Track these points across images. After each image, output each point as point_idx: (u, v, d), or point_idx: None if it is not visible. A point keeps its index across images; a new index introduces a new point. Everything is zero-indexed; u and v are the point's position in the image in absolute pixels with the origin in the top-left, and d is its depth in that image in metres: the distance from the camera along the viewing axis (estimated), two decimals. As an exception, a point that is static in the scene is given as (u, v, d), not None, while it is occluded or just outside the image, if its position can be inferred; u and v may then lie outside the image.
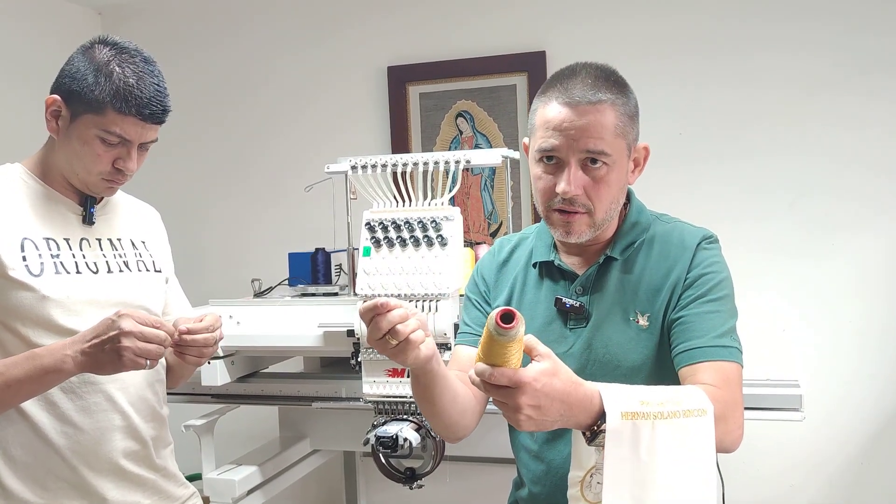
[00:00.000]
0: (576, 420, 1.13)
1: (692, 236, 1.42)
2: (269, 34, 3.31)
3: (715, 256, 1.41)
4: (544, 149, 1.36)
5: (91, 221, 1.57)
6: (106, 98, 1.44)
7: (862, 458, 2.74)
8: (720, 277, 1.39)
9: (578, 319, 1.43)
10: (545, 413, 1.09)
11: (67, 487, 1.50)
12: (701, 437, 1.15)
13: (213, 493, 2.28)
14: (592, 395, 1.12)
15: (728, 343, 1.33)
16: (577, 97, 1.33)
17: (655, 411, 1.11)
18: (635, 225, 1.46)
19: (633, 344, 1.38)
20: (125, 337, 1.35)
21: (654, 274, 1.41)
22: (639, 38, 2.86)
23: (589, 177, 1.35)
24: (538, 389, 1.07)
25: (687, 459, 1.14)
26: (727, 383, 1.28)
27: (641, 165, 1.45)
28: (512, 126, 3.04)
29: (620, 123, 1.36)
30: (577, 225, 1.38)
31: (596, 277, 1.44)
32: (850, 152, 2.74)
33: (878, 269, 2.75)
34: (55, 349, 1.40)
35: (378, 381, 2.08)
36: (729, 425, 1.23)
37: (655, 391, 1.18)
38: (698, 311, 1.35)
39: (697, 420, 1.14)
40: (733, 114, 2.82)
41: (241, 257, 3.33)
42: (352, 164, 2.15)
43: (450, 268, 2.02)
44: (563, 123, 1.33)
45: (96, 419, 1.51)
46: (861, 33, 2.71)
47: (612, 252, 1.43)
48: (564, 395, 1.10)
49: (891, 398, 2.75)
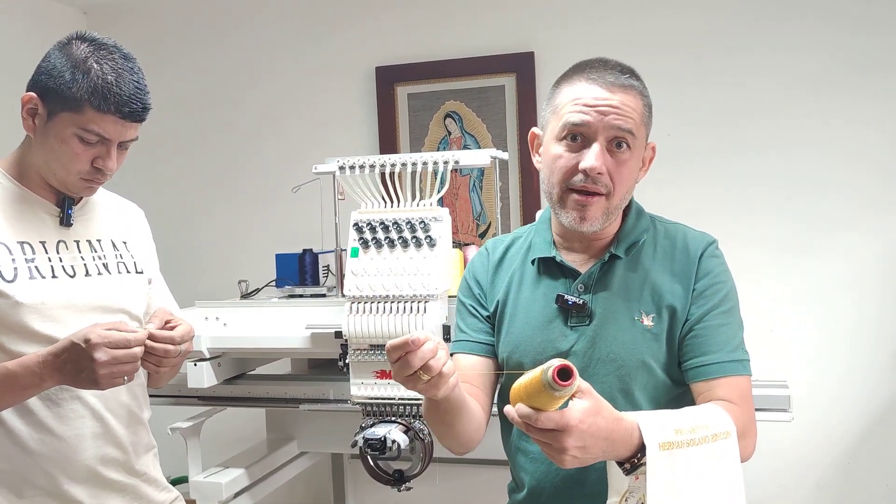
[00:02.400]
0: (616, 454, 1.16)
1: (696, 242, 1.43)
2: (256, 35, 3.29)
3: (721, 265, 1.42)
4: (574, 123, 1.33)
5: (69, 223, 1.53)
6: (84, 96, 1.40)
7: (850, 459, 2.75)
8: (728, 288, 1.41)
9: (581, 317, 1.40)
10: (589, 451, 1.11)
11: (43, 495, 1.47)
12: (728, 458, 1.21)
13: (199, 497, 2.27)
14: (633, 428, 1.15)
15: (740, 356, 1.37)
16: (609, 79, 1.34)
17: (688, 439, 1.17)
18: (637, 224, 1.45)
19: (638, 344, 1.37)
20: (101, 367, 1.34)
21: (660, 276, 1.40)
22: (628, 38, 2.87)
23: (613, 159, 1.34)
24: (584, 430, 1.09)
25: (718, 481, 1.20)
26: (743, 398, 1.33)
27: (647, 165, 1.45)
28: (500, 127, 3.03)
29: (644, 113, 1.37)
30: (593, 209, 1.35)
31: (599, 275, 1.41)
32: (842, 150, 2.74)
33: (870, 267, 2.75)
34: (30, 365, 1.37)
35: (366, 383, 2.07)
36: (747, 440, 1.29)
37: (686, 417, 1.22)
38: (711, 324, 1.37)
39: (724, 443, 1.21)
40: (724, 112, 2.82)
41: (228, 258, 3.31)
42: (340, 164, 2.14)
43: (438, 269, 2.01)
44: (595, 99, 1.33)
45: (73, 426, 1.49)
46: (854, 31, 2.72)
47: (617, 250, 1.42)
48: (608, 433, 1.12)
49: (881, 399, 2.75)
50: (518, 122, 3.00)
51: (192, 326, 1.56)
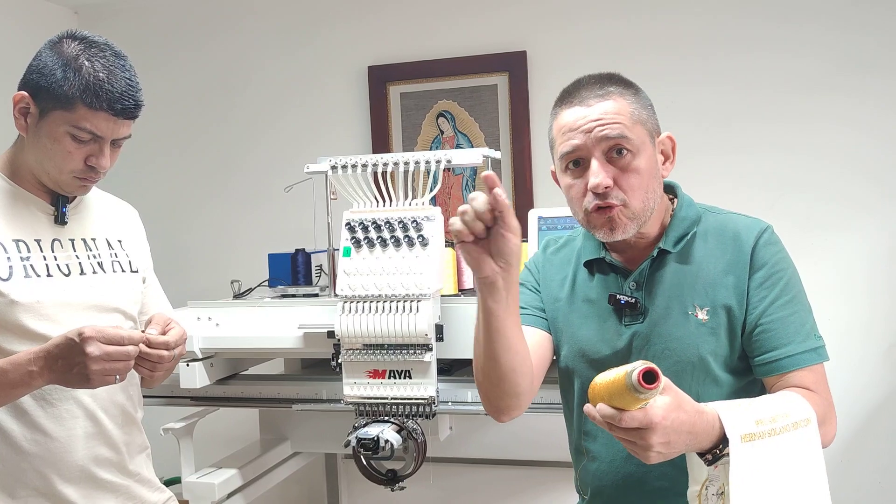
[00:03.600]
0: (699, 446, 1.17)
1: (748, 229, 1.40)
2: (249, 35, 3.29)
3: (778, 252, 1.39)
4: (566, 152, 1.35)
5: (63, 221, 1.53)
6: (75, 93, 1.39)
7: (842, 458, 2.76)
8: (788, 274, 1.37)
9: (634, 315, 1.40)
10: (673, 446, 1.12)
11: (36, 495, 1.47)
12: (810, 446, 1.21)
13: (192, 497, 2.26)
14: (714, 420, 1.16)
15: (814, 344, 1.35)
16: (584, 95, 1.35)
17: (769, 429, 1.18)
18: (685, 218, 1.43)
19: (693, 339, 1.36)
20: (92, 362, 1.32)
21: (713, 267, 1.38)
22: (620, 39, 2.86)
23: (616, 168, 1.33)
24: (667, 427, 1.10)
25: (800, 469, 1.20)
26: (820, 385, 1.33)
27: (672, 157, 1.44)
28: (493, 126, 3.03)
29: (635, 110, 1.36)
30: (618, 218, 1.34)
31: (650, 272, 1.41)
32: (832, 152, 2.75)
33: (859, 269, 2.76)
34: (20, 363, 1.36)
35: (359, 383, 2.06)
36: (828, 427, 1.29)
37: (765, 406, 1.21)
38: (777, 315, 1.34)
39: (805, 430, 1.21)
40: (714, 113, 2.82)
41: (220, 258, 3.30)
42: (332, 163, 2.14)
43: (430, 268, 2.01)
44: (577, 122, 1.34)
45: (67, 427, 1.48)
46: (845, 34, 2.72)
47: (665, 245, 1.41)
48: (691, 426, 1.13)
49: (873, 398, 2.76)
50: (510, 122, 3.00)
51: (185, 329, 1.56)
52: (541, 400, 2.11)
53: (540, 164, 2.99)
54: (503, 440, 2.44)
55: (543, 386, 2.10)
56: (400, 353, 2.02)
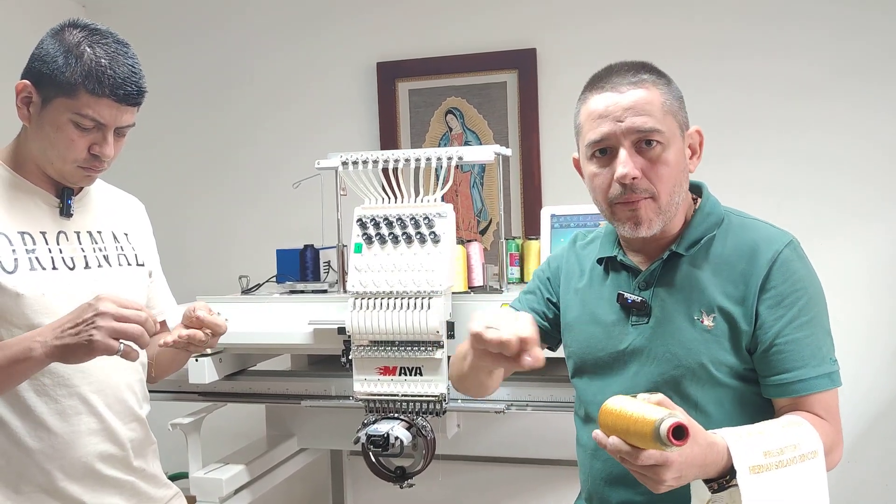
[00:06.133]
0: (706, 475, 1.16)
1: (768, 242, 1.35)
2: (257, 29, 3.28)
3: (800, 269, 1.34)
4: (594, 140, 1.32)
5: (68, 214, 1.51)
6: (78, 79, 1.38)
7: (848, 459, 2.74)
8: (809, 294, 1.32)
9: (640, 315, 1.38)
10: (684, 479, 1.12)
11: (39, 492, 1.45)
12: (815, 478, 1.21)
13: (199, 493, 2.25)
14: (723, 450, 1.15)
15: (828, 369, 1.31)
16: (616, 81, 1.32)
17: (776, 461, 1.17)
18: (706, 219, 1.39)
19: (696, 344, 1.33)
20: (100, 317, 1.28)
21: (726, 275, 1.34)
22: (628, 38, 2.86)
23: (645, 159, 1.30)
24: (683, 462, 1.09)
25: (806, 500, 1.20)
26: (830, 413, 1.30)
27: (699, 152, 1.41)
28: (502, 123, 3.02)
29: (667, 101, 1.33)
30: (644, 212, 1.31)
31: (661, 273, 1.38)
32: (833, 157, 2.75)
33: (860, 273, 2.76)
34: (24, 337, 1.34)
35: (369, 380, 2.06)
36: (834, 455, 1.28)
37: (775, 437, 1.20)
38: (793, 336, 1.30)
39: (812, 462, 1.21)
40: (718, 117, 2.80)
41: (228, 254, 3.29)
42: (342, 159, 2.13)
43: (442, 265, 2.00)
44: (607, 108, 1.31)
45: (71, 423, 1.47)
46: (846, 39, 2.72)
47: (678, 248, 1.37)
48: (703, 460, 1.13)
49: (877, 400, 2.76)
50: (519, 119, 2.99)
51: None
52: (550, 398, 2.11)
53: (549, 162, 2.98)
54: (511, 438, 2.43)
55: (552, 384, 2.11)
56: (411, 350, 2.02)
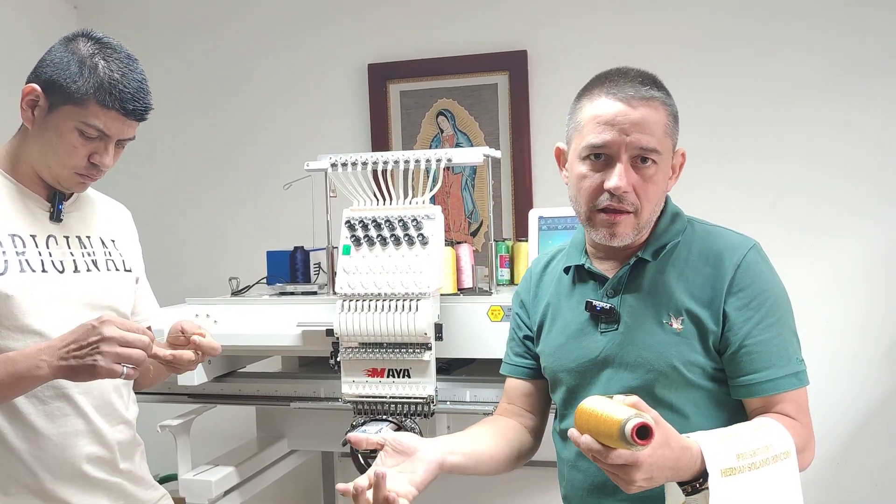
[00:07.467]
0: (679, 478, 1.17)
1: (732, 247, 1.37)
2: (248, 30, 3.28)
3: (764, 272, 1.37)
4: (595, 144, 1.32)
5: (59, 218, 1.54)
6: (90, 90, 1.41)
7: (838, 458, 2.76)
8: (773, 295, 1.36)
9: (609, 322, 1.39)
10: (655, 481, 1.13)
11: (27, 493, 1.47)
12: (787, 478, 1.22)
13: (189, 494, 2.25)
14: (697, 454, 1.16)
15: (794, 368, 1.33)
16: (629, 93, 1.32)
17: (749, 463, 1.18)
18: (669, 228, 1.42)
19: (666, 347, 1.34)
20: (105, 343, 1.31)
21: (693, 279, 1.36)
22: (620, 39, 2.86)
23: (638, 175, 1.32)
24: (653, 464, 1.10)
25: (779, 500, 1.20)
26: (801, 412, 1.33)
27: (677, 172, 1.43)
28: (493, 125, 3.03)
29: (669, 123, 1.35)
30: (623, 226, 1.34)
31: (628, 279, 1.40)
32: (830, 155, 2.75)
33: (855, 272, 2.76)
34: (31, 354, 1.35)
35: (357, 381, 2.06)
36: (807, 453, 1.30)
37: (747, 439, 1.21)
38: (761, 337, 1.32)
39: (784, 463, 1.22)
40: (713, 115, 2.82)
41: (218, 255, 3.29)
42: (332, 161, 2.13)
43: (430, 267, 2.00)
44: (616, 117, 1.31)
45: (59, 424, 1.48)
46: (843, 37, 2.73)
47: (644, 254, 1.40)
48: (675, 462, 1.13)
49: (868, 399, 2.77)
50: (510, 121, 3.00)
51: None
52: (539, 400, 2.11)
53: (540, 164, 2.98)
54: (501, 440, 2.43)
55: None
56: (399, 352, 2.01)
